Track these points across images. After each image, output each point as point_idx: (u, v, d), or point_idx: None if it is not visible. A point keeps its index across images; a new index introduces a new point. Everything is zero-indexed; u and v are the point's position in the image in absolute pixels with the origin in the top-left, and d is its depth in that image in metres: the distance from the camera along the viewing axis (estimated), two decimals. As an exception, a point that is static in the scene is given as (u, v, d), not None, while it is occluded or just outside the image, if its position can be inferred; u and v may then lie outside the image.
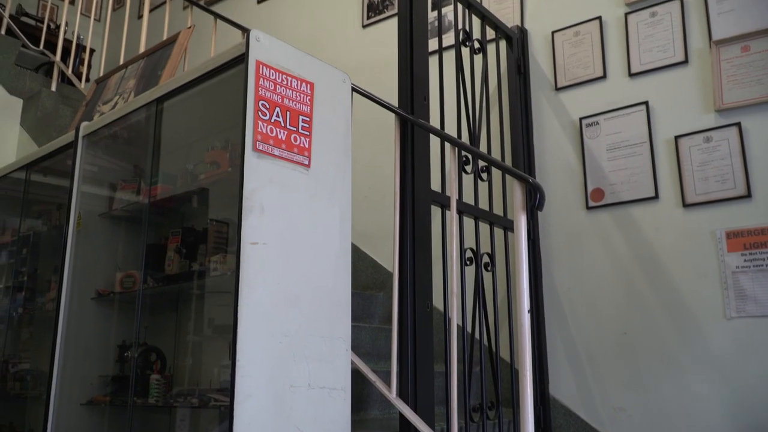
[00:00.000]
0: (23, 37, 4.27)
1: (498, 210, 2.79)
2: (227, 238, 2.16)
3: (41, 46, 4.32)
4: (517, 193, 1.83)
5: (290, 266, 1.72)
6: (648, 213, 2.70)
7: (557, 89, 3.03)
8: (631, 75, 2.83)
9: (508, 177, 2.80)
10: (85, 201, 2.52)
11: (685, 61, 2.70)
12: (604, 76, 2.90)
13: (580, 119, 2.92)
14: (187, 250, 2.21)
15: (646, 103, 2.76)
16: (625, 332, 2.67)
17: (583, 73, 2.95)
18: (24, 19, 5.09)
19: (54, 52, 4.27)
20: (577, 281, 2.83)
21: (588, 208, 2.85)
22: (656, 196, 2.68)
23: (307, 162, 1.82)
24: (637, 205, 2.73)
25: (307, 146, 1.83)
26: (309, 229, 1.79)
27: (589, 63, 2.94)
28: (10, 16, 4.42)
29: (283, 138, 1.77)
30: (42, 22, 4.90)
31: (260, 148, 1.70)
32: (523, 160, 2.93)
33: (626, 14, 2.88)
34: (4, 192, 3.32)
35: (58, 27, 5.01)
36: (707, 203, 2.56)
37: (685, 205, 2.61)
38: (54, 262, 2.73)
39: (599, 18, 2.95)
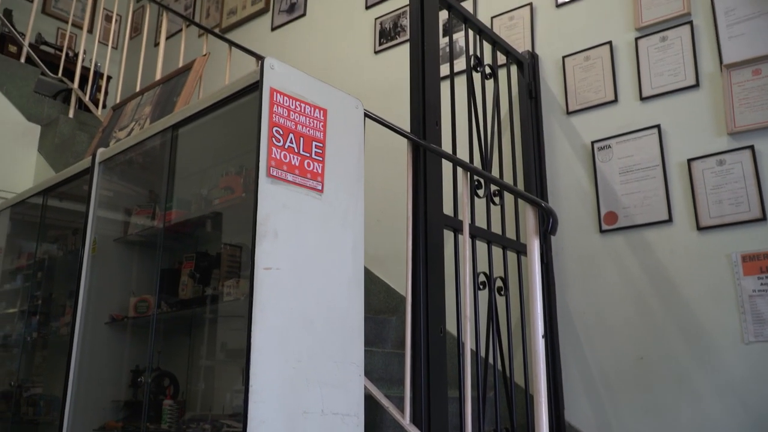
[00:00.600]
0: (42, 65, 4.36)
1: (511, 234, 2.78)
2: (240, 263, 2.17)
3: (60, 74, 4.41)
4: (529, 217, 1.83)
5: (303, 291, 1.72)
6: (662, 236, 2.69)
7: (569, 113, 3.04)
8: (642, 99, 2.83)
9: (520, 201, 2.80)
10: (100, 226, 2.55)
11: (697, 85, 2.71)
12: (615, 100, 2.91)
13: (592, 143, 2.92)
14: (200, 274, 2.22)
15: (658, 126, 2.76)
16: (641, 357, 2.64)
17: (595, 97, 2.96)
18: (43, 47, 5.20)
19: (72, 80, 4.35)
20: (592, 305, 2.80)
21: (601, 231, 2.83)
22: (670, 220, 2.67)
23: (320, 187, 1.83)
24: (651, 228, 2.71)
25: (320, 171, 1.85)
26: (322, 254, 1.80)
27: (600, 87, 2.95)
28: (30, 45, 4.52)
29: (297, 164, 1.79)
30: (61, 51, 5.01)
31: (274, 173, 1.71)
32: (535, 183, 2.93)
33: (636, 39, 2.90)
34: (21, 217, 3.36)
35: (76, 55, 5.11)
36: (722, 226, 2.54)
37: (700, 228, 2.59)
38: (69, 287, 2.75)
39: (609, 43, 2.97)
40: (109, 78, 5.39)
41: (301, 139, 1.82)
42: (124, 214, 2.62)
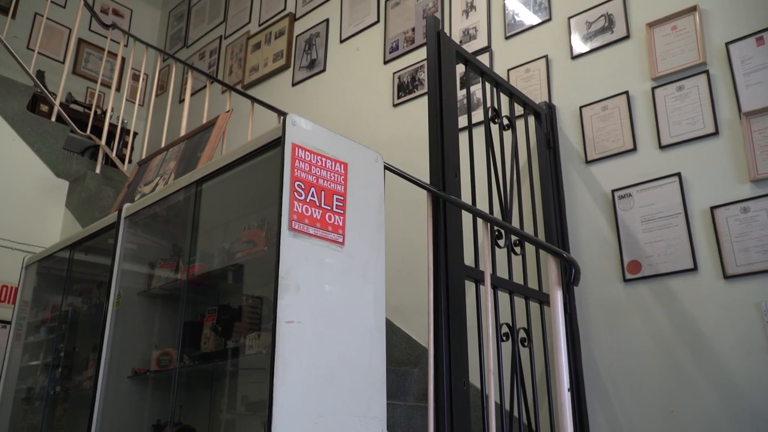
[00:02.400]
0: (71, 123, 4.51)
1: (533, 283, 2.76)
2: (261, 316, 2.18)
3: (88, 131, 4.55)
4: (552, 268, 1.82)
5: (325, 344, 1.72)
6: (688, 285, 2.64)
7: (587, 162, 3.05)
8: (661, 147, 2.84)
9: (542, 251, 2.78)
10: (124, 279, 2.58)
11: (716, 133, 2.71)
12: (634, 149, 2.91)
13: (613, 191, 2.92)
14: (222, 327, 2.23)
15: (678, 174, 2.75)
16: (671, 410, 2.56)
17: (613, 146, 2.97)
18: (73, 106, 5.39)
19: (100, 136, 4.48)
20: (619, 356, 2.74)
21: (625, 280, 2.80)
22: (695, 268, 2.63)
23: (341, 240, 1.85)
24: (676, 277, 2.67)
25: (341, 224, 1.87)
26: (344, 307, 1.80)
27: (619, 136, 2.97)
28: (60, 104, 4.68)
29: (318, 217, 1.81)
30: (89, 109, 5.18)
31: (296, 227, 1.74)
32: (556, 233, 2.92)
33: (653, 88, 2.92)
34: (47, 270, 3.42)
35: (104, 112, 5.28)
36: (749, 274, 2.49)
37: (726, 276, 2.54)
38: (92, 340, 2.77)
39: (626, 93, 3.00)
40: (135, 134, 5.54)
41: (323, 192, 1.85)
42: (148, 267, 2.65)
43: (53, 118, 4.45)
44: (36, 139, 4.12)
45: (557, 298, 1.78)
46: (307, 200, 1.79)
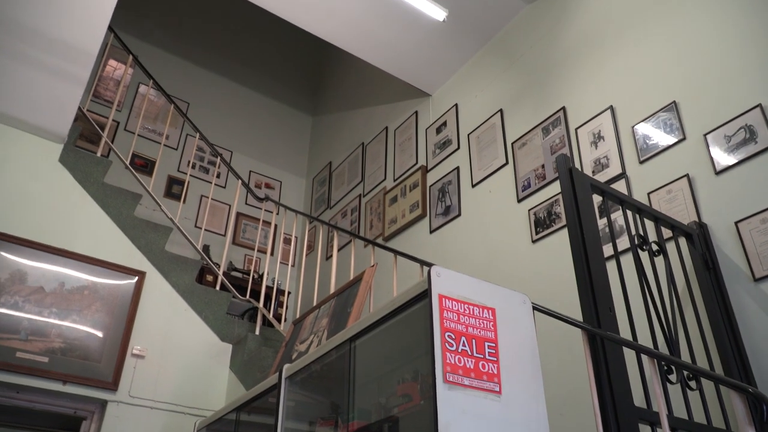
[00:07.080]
0: (233, 289, 4.91)
1: (717, 422, 2.46)
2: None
3: (247, 295, 4.92)
4: (737, 405, 1.63)
5: (493, 505, 1.62)
6: None
7: (756, 280, 2.79)
8: (842, 255, 2.55)
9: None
10: (287, 440, 2.64)
11: None
12: (809, 261, 2.64)
13: (793, 310, 2.62)
14: (384, 489, 2.18)
15: None
16: None
17: (784, 260, 2.72)
18: (233, 273, 5.91)
19: (257, 299, 4.83)
20: (843, 507, 2.30)
21: (831, 412, 2.42)
22: None
23: (497, 389, 1.80)
24: None
25: (495, 372, 1.83)
26: (508, 461, 1.71)
27: (788, 249, 2.72)
28: (223, 273, 5.15)
29: (472, 366, 1.79)
30: (248, 274, 5.64)
31: (450, 379, 1.72)
32: (734, 363, 2.63)
33: (818, 193, 2.69)
34: (216, 433, 3.58)
35: (261, 276, 5.72)
36: None
37: None
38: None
39: (786, 201, 2.78)
40: (288, 293, 5.91)
41: (473, 340, 1.84)
42: (307, 425, 2.71)
43: (218, 287, 4.88)
44: (203, 307, 4.52)
45: (751, 440, 1.57)
46: (459, 350, 1.79)
